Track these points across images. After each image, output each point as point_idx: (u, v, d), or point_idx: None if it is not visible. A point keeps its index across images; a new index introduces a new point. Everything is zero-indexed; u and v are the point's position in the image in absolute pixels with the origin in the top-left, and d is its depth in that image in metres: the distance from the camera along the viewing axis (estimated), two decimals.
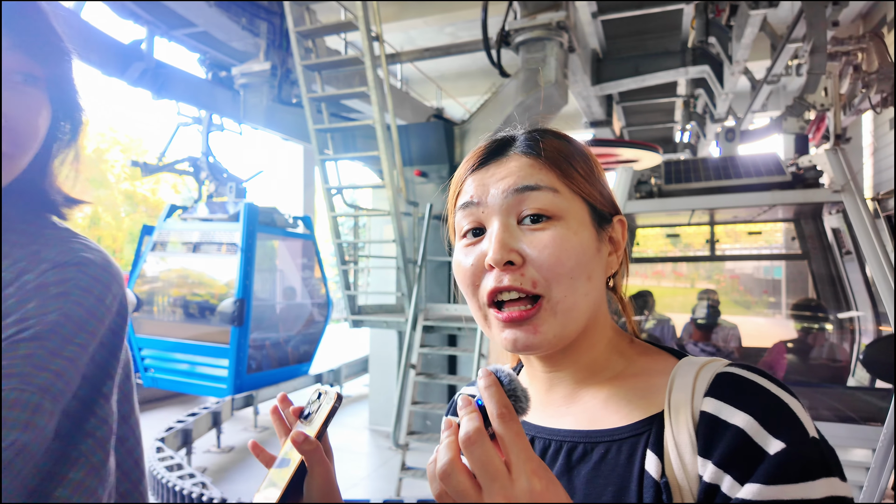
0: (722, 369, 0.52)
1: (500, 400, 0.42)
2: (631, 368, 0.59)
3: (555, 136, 0.62)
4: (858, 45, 5.67)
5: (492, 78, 7.64)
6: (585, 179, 0.59)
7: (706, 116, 8.59)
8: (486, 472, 0.40)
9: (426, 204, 5.06)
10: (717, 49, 6.05)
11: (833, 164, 2.72)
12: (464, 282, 0.58)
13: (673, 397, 0.52)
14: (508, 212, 0.56)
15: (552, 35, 4.90)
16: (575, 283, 0.54)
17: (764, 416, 0.46)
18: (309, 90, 4.95)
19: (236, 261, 5.53)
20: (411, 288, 4.81)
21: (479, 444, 0.40)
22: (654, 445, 0.51)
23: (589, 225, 0.57)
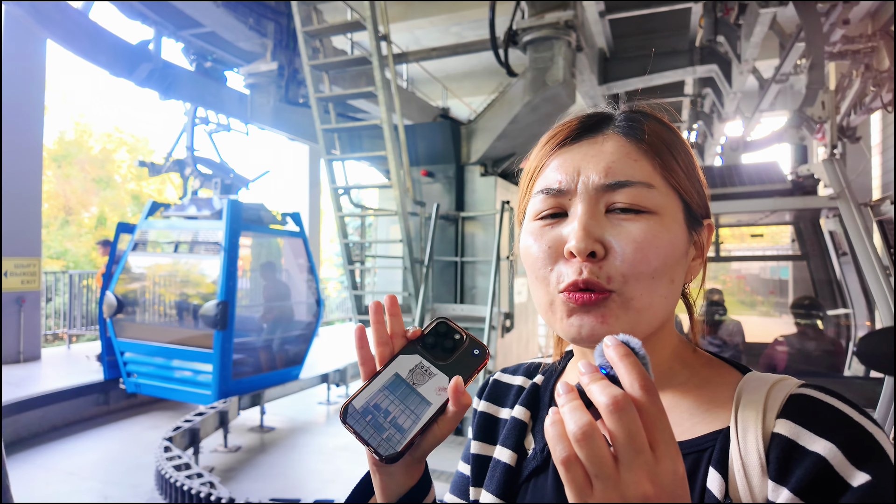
0: (796, 390, 0.48)
1: (641, 370, 0.38)
2: (694, 379, 0.56)
3: (658, 122, 0.56)
4: (869, 44, 5.63)
5: (497, 78, 7.63)
6: (685, 174, 0.54)
7: (714, 116, 8.55)
8: (631, 444, 0.35)
9: (433, 204, 5.05)
10: (726, 48, 6.02)
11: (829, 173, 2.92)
12: (534, 265, 0.53)
13: (741, 414, 0.48)
14: (597, 199, 0.51)
15: (560, 34, 4.88)
16: (655, 284, 0.50)
17: (848, 445, 0.43)
18: (316, 90, 4.95)
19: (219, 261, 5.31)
20: (418, 288, 4.81)
21: (628, 412, 0.36)
22: (717, 463, 0.48)
23: (682, 224, 0.53)
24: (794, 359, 3.57)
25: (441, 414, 0.48)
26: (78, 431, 5.26)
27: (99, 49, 4.91)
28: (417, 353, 0.51)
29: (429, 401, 0.48)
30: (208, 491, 3.07)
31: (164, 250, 6.11)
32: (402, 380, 0.50)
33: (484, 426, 0.69)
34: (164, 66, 5.42)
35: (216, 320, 5.03)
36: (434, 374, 0.50)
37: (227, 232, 5.25)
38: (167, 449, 3.72)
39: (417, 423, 0.48)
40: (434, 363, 0.51)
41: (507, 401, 0.70)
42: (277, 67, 5.63)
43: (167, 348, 5.42)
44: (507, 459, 0.62)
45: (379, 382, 0.50)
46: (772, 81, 7.37)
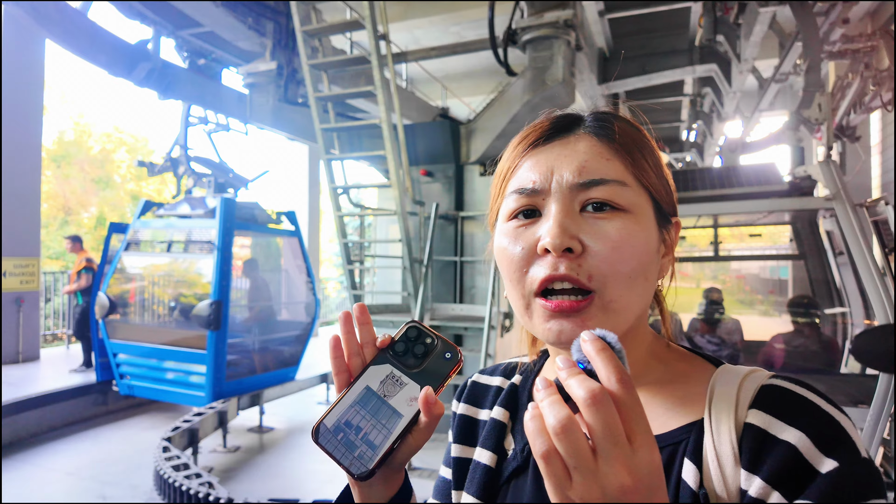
0: (767, 381, 0.49)
1: (618, 364, 0.38)
2: (669, 374, 0.57)
3: (627, 122, 0.57)
4: (868, 44, 5.62)
5: (497, 77, 7.62)
6: (654, 173, 0.55)
7: (713, 115, 8.55)
8: (609, 436, 0.36)
9: (432, 203, 5.05)
10: (726, 47, 6.02)
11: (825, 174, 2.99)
12: (510, 266, 0.53)
13: (714, 406, 0.49)
14: (571, 197, 0.52)
15: (559, 33, 4.87)
16: (633, 282, 0.50)
17: (816, 433, 0.44)
18: (315, 90, 4.94)
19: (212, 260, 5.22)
20: (417, 287, 4.80)
21: (605, 405, 0.36)
22: (692, 454, 0.49)
23: (653, 222, 0.54)
24: (791, 356, 3.64)
25: (415, 425, 0.48)
26: (76, 432, 5.25)
27: (98, 49, 4.90)
28: (388, 361, 0.50)
29: (400, 413, 0.47)
30: (207, 491, 3.06)
31: (157, 250, 6.04)
32: (373, 392, 0.48)
33: (463, 428, 0.69)
34: (163, 65, 5.41)
35: (209, 321, 4.95)
36: (405, 383, 0.49)
37: (220, 231, 5.17)
38: (166, 449, 3.72)
39: (389, 438, 0.46)
40: (405, 371, 0.49)
41: (485, 402, 0.70)
42: (276, 67, 5.62)
43: (160, 349, 5.35)
44: (486, 461, 0.62)
45: (350, 397, 0.48)
46: (771, 81, 7.37)
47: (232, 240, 5.27)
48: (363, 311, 0.52)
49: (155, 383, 5.40)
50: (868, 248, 2.81)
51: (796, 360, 3.65)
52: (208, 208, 5.53)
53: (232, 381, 5.23)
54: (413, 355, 0.50)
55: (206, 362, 5.03)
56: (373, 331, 0.52)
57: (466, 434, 0.68)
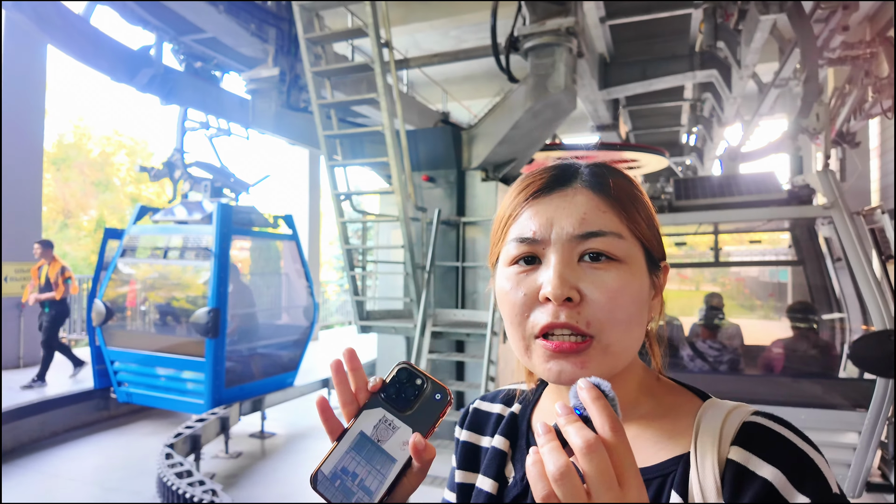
0: (748, 418, 0.53)
1: (611, 413, 0.42)
2: (658, 409, 0.60)
3: (621, 176, 0.61)
4: (868, 50, 5.65)
5: (497, 81, 7.64)
6: (646, 224, 0.59)
7: (713, 119, 8.57)
8: (602, 481, 0.40)
9: (434, 209, 5.06)
10: (726, 53, 6.04)
11: (823, 183, 3.07)
12: (511, 310, 0.57)
13: (699, 441, 0.53)
14: (570, 248, 0.55)
15: (561, 41, 4.89)
16: (630, 328, 0.55)
17: (791, 470, 0.48)
18: (318, 96, 4.96)
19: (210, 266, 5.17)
20: (420, 293, 4.81)
21: (599, 453, 0.40)
22: (678, 486, 0.52)
23: (645, 270, 0.57)
24: (791, 361, 3.71)
25: (409, 467, 0.49)
26: (78, 437, 5.25)
27: (100, 54, 4.91)
28: (381, 405, 0.51)
29: (394, 457, 0.49)
30: (210, 498, 3.06)
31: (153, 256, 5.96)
32: (367, 438, 0.50)
33: (466, 455, 0.72)
34: (166, 71, 5.42)
35: (207, 328, 4.90)
36: (397, 427, 0.50)
37: (217, 236, 5.11)
38: (168, 455, 3.71)
39: (384, 483, 0.48)
40: (398, 415, 0.50)
41: (487, 429, 0.73)
42: (279, 73, 5.63)
43: (158, 357, 5.29)
44: (488, 488, 0.66)
45: (345, 444, 0.50)
46: (771, 86, 7.39)
47: (229, 246, 5.21)
48: (353, 357, 0.53)
49: (153, 391, 5.36)
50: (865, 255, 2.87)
51: (796, 365, 3.70)
52: (205, 212, 5.46)
53: (231, 388, 5.19)
54: (404, 398, 0.51)
55: (204, 370, 4.99)
56: (364, 375, 0.53)
57: (470, 460, 0.71)
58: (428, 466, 0.50)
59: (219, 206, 5.24)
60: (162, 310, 5.87)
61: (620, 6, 6.44)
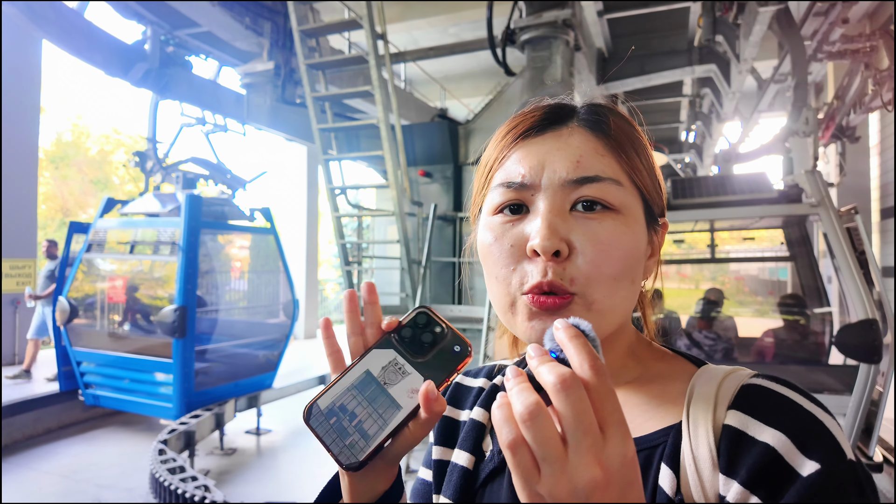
0: (747, 380, 0.47)
1: (591, 351, 0.36)
2: (647, 374, 0.55)
3: (622, 118, 0.54)
4: (868, 43, 5.62)
5: (495, 79, 7.61)
6: (647, 172, 0.53)
7: (712, 116, 8.53)
8: (580, 424, 0.34)
9: (430, 204, 5.02)
10: (725, 47, 6.00)
11: (811, 183, 3.28)
12: (495, 264, 0.51)
13: (692, 408, 0.48)
14: (563, 194, 0.49)
15: (558, 33, 4.86)
16: (618, 285, 0.49)
17: (797, 433, 0.42)
18: (313, 90, 4.92)
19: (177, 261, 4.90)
20: (415, 289, 4.77)
21: (575, 390, 0.34)
22: (669, 459, 0.47)
23: (643, 223, 0.52)
24: (781, 348, 3.93)
25: (413, 418, 0.44)
26: (72, 434, 5.21)
27: (94, 48, 4.88)
28: (393, 347, 0.47)
29: (399, 404, 0.44)
30: (203, 494, 3.03)
31: (120, 251, 5.66)
32: (374, 378, 0.45)
33: (444, 430, 0.67)
34: (161, 65, 5.39)
35: (174, 328, 4.61)
36: (408, 372, 0.45)
37: (185, 230, 4.81)
38: (162, 452, 3.68)
39: (384, 429, 0.44)
40: (410, 360, 0.46)
41: (466, 403, 0.68)
42: (274, 67, 5.60)
43: (125, 358, 5.03)
44: (464, 462, 0.61)
45: (348, 380, 0.45)
46: (770, 81, 7.35)
47: (198, 240, 4.92)
48: (372, 291, 0.49)
49: (121, 393, 5.07)
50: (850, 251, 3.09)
51: (785, 352, 3.92)
52: (177, 204, 5.19)
53: (201, 391, 4.92)
54: (420, 343, 0.47)
55: (172, 372, 4.72)
56: (380, 312, 0.49)
57: (447, 436, 0.66)
58: (434, 421, 0.45)
59: (187, 198, 4.94)
60: (129, 308, 5.59)
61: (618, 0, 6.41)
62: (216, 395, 5.07)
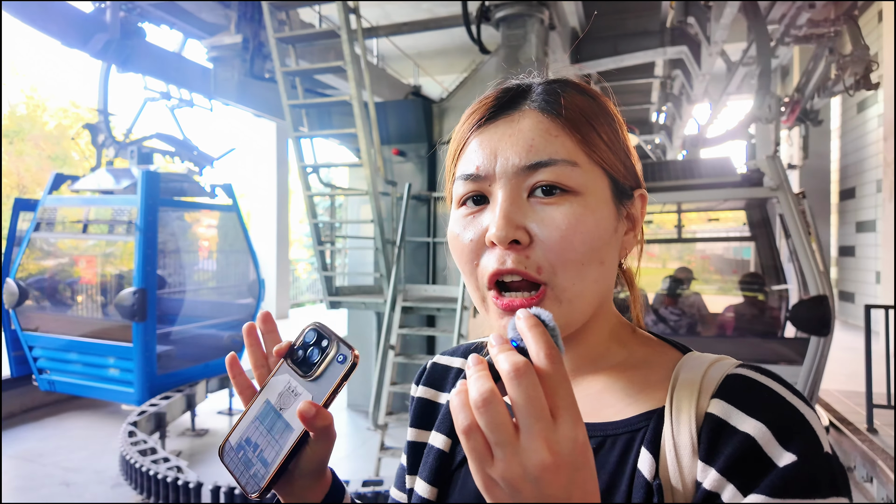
0: (732, 370, 0.48)
1: (547, 340, 0.38)
2: (631, 359, 0.55)
3: (578, 91, 0.53)
4: (832, 28, 5.74)
5: (470, 56, 7.52)
6: (609, 147, 0.51)
7: (683, 97, 8.65)
8: (531, 410, 0.35)
9: (405, 183, 4.99)
10: (696, 29, 6.06)
11: (770, 168, 3.46)
12: (461, 258, 0.51)
13: (676, 394, 0.48)
14: (518, 182, 0.49)
15: (533, 11, 4.82)
16: (585, 269, 0.48)
17: (777, 425, 0.43)
18: (283, 64, 4.79)
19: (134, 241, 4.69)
20: (390, 269, 4.76)
21: (527, 377, 0.36)
22: (649, 443, 0.47)
23: (608, 201, 0.51)
24: (741, 323, 4.18)
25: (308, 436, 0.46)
26: (37, 418, 5.09)
27: (49, 17, 4.63)
28: (287, 371, 0.48)
29: (292, 426, 0.45)
30: (175, 475, 3.01)
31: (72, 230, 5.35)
32: (271, 406, 0.47)
33: (421, 412, 0.67)
34: (122, 37, 5.15)
35: (133, 311, 4.45)
36: (299, 393, 0.46)
37: (142, 208, 4.61)
38: (132, 434, 3.64)
39: (280, 454, 0.45)
40: (301, 381, 0.47)
41: (446, 385, 0.67)
42: (242, 40, 5.42)
43: (81, 342, 4.85)
44: (440, 445, 0.61)
45: (252, 413, 0.47)
46: (739, 64, 7.47)
47: (156, 218, 4.74)
48: (268, 319, 0.51)
49: (79, 378, 4.89)
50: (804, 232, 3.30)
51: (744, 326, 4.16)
52: (133, 180, 4.94)
53: (165, 375, 4.79)
54: (309, 362, 0.47)
55: (133, 356, 4.58)
56: (277, 338, 0.50)
57: (425, 418, 0.66)
58: (327, 434, 0.46)
59: (144, 174, 4.70)
60: (83, 290, 5.37)
61: None
62: (180, 379, 4.95)
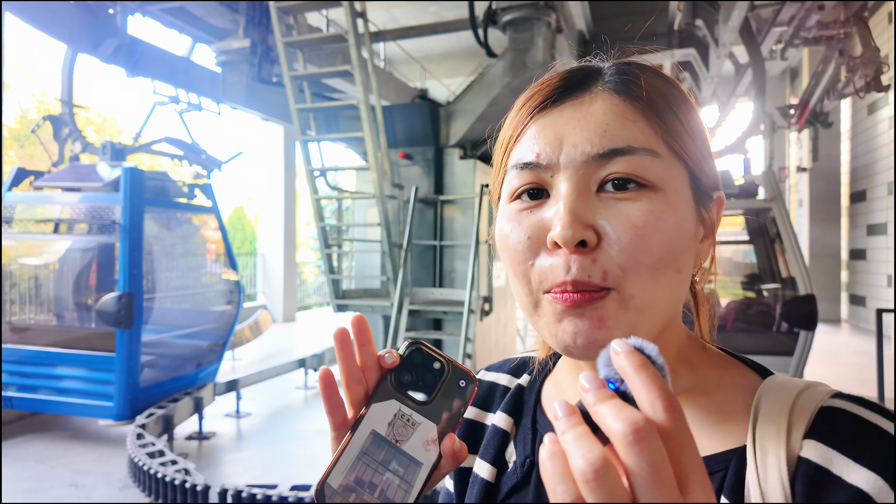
0: (827, 402, 0.40)
1: (663, 386, 0.29)
2: (702, 384, 0.47)
3: (655, 74, 0.46)
4: (842, 30, 5.70)
5: (476, 59, 7.53)
6: (692, 138, 0.45)
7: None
8: (657, 481, 0.27)
9: (411, 187, 4.99)
10: (704, 32, 6.03)
11: (766, 181, 3.88)
12: (513, 259, 0.44)
13: (759, 430, 0.41)
14: (587, 173, 0.42)
15: (540, 14, 4.82)
16: (660, 276, 0.42)
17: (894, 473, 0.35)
18: (290, 68, 4.82)
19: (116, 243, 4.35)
20: (397, 272, 4.76)
21: (651, 441, 0.27)
22: (731, 491, 0.40)
23: (689, 201, 0.44)
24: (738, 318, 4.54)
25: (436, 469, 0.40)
26: (46, 419, 5.12)
27: (59, 22, 4.68)
28: (393, 396, 0.41)
29: (419, 461, 0.40)
30: (183, 478, 3.02)
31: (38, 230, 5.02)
32: (383, 438, 0.40)
33: (468, 434, 0.60)
34: (131, 41, 5.20)
35: (119, 317, 4.16)
36: (417, 422, 0.41)
37: (126, 207, 4.33)
38: (140, 436, 3.65)
39: (411, 492, 0.39)
40: (415, 408, 0.41)
41: (492, 404, 0.61)
42: (250, 45, 5.46)
43: (50, 353, 4.48)
44: (485, 474, 0.55)
45: (355, 447, 0.40)
46: (748, 66, 7.42)
47: (142, 218, 4.45)
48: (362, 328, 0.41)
49: (49, 394, 4.48)
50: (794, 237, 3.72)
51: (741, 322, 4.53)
52: (103, 179, 4.63)
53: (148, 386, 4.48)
54: (421, 386, 0.42)
55: (115, 367, 4.27)
56: (374, 350, 0.41)
57: (470, 440, 0.59)
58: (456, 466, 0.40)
59: (127, 172, 4.39)
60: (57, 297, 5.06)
61: None
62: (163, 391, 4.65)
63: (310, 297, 15.30)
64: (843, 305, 11.10)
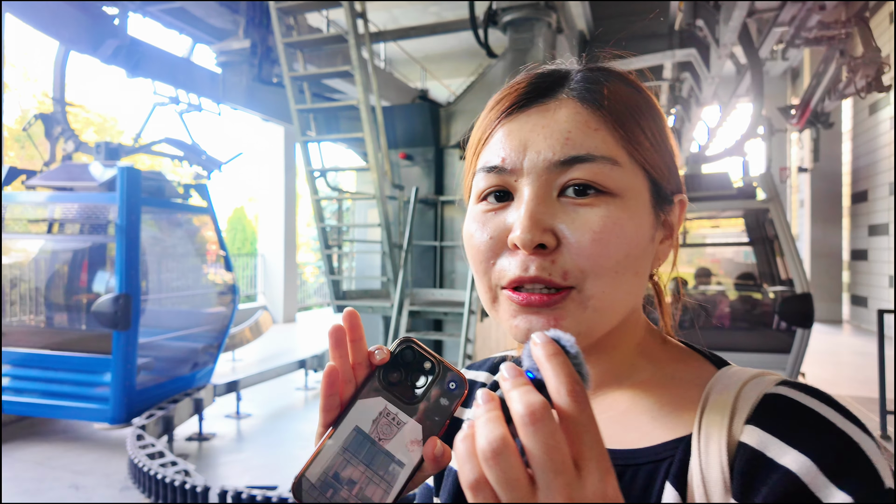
0: (771, 389, 0.41)
1: (570, 373, 0.31)
2: (659, 375, 0.49)
3: (622, 81, 0.48)
4: (843, 30, 5.69)
5: (477, 59, 7.53)
6: (653, 147, 0.46)
7: (691, 100, 8.60)
8: (550, 462, 0.29)
9: (412, 187, 4.99)
10: (705, 32, 6.02)
11: (764, 182, 3.95)
12: (476, 257, 0.46)
13: (705, 419, 0.42)
14: (548, 179, 0.44)
15: (540, 15, 4.82)
16: (618, 279, 0.43)
17: (825, 457, 0.36)
18: (290, 69, 4.81)
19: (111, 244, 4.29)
20: (397, 272, 4.76)
21: (545, 423, 0.29)
22: (675, 477, 0.41)
23: (648, 206, 0.45)
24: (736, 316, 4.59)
25: (418, 470, 0.40)
26: (45, 420, 5.12)
27: (60, 23, 4.68)
28: (380, 394, 0.41)
29: (401, 461, 0.39)
30: (183, 479, 3.01)
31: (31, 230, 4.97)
32: (366, 435, 0.39)
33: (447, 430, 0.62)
34: (132, 42, 5.20)
35: (116, 318, 4.13)
36: (403, 422, 0.40)
37: (124, 207, 4.29)
38: (140, 437, 3.65)
39: (390, 492, 0.38)
40: (402, 407, 0.40)
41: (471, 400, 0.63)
42: (250, 45, 5.46)
43: (44, 356, 4.44)
44: None
45: (336, 442, 0.39)
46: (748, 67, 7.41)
47: (139, 218, 4.40)
48: (354, 324, 0.41)
49: (44, 397, 4.42)
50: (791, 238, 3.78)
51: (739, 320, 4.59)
52: (97, 179, 4.59)
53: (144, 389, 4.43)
54: (410, 385, 0.41)
55: (111, 369, 4.22)
56: (365, 347, 0.41)
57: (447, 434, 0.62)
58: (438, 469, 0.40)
59: (124, 171, 4.34)
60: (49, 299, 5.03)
61: None
62: (160, 393, 4.61)
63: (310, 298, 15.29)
64: (844, 306, 11.08)
